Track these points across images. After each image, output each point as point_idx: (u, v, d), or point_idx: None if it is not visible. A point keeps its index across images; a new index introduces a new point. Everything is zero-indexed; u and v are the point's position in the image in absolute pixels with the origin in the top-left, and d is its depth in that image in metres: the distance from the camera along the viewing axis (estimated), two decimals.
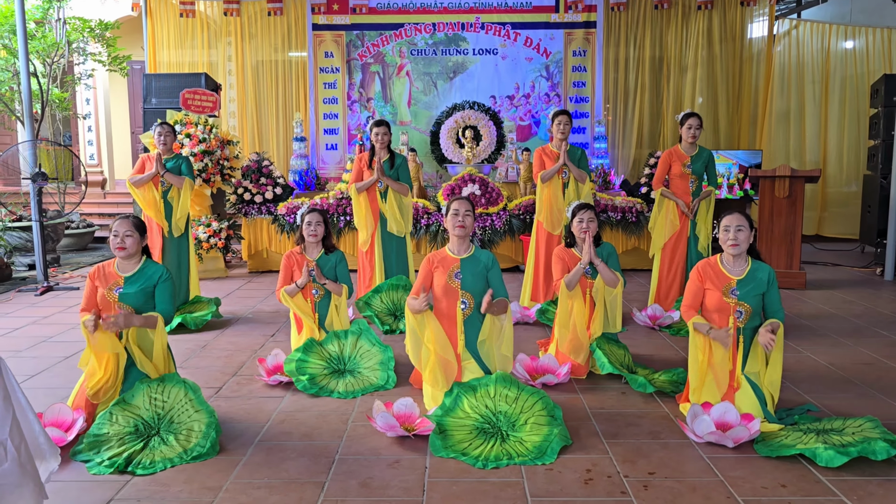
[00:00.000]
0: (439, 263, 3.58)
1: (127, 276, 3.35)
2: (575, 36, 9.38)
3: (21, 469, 1.97)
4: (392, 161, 5.43)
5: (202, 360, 4.34)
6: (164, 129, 5.34)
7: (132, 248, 3.34)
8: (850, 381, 3.89)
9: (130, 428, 3.08)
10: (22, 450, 2.00)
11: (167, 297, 3.36)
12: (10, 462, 1.95)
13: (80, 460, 2.91)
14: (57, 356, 4.42)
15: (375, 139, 5.35)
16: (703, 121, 5.34)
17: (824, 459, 2.76)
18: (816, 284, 6.56)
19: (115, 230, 3.34)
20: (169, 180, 5.26)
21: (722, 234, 3.32)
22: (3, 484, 1.93)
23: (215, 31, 9.69)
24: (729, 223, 3.31)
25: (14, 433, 2.00)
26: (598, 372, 3.97)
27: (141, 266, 3.38)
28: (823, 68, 9.77)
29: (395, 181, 5.39)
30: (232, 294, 6.38)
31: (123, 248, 3.31)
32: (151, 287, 3.35)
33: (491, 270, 3.57)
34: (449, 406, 3.24)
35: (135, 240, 3.35)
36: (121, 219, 3.38)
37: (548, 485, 2.67)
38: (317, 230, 4.20)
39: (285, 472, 2.80)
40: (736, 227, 3.27)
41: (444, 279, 3.53)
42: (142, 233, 3.39)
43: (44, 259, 6.57)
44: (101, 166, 11.50)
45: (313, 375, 3.82)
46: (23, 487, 1.97)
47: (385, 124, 5.40)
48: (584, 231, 4.01)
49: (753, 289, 3.28)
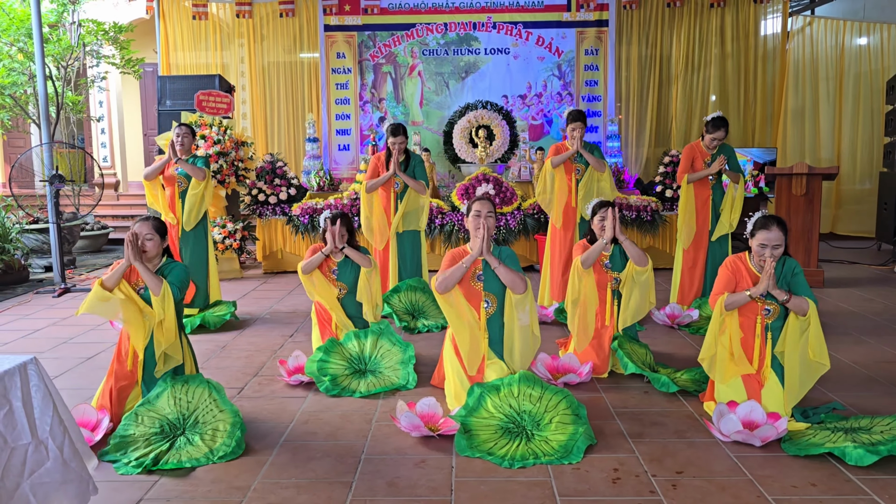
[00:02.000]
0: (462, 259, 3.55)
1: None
2: (587, 35, 9.36)
3: (64, 467, 1.98)
4: (407, 162, 5.43)
5: (223, 361, 4.35)
6: (181, 130, 5.33)
7: (153, 250, 3.32)
8: (874, 379, 3.87)
9: (156, 428, 3.09)
10: (65, 448, 2.01)
11: (178, 274, 3.31)
12: (52, 461, 1.96)
13: (107, 461, 2.92)
14: (78, 357, 4.45)
15: (393, 147, 5.32)
16: (728, 130, 5.28)
17: (854, 458, 2.74)
18: (834, 282, 6.52)
19: (134, 232, 3.30)
20: (183, 167, 5.24)
21: (757, 249, 3.20)
22: (47, 482, 1.94)
23: (228, 33, 9.72)
24: (766, 241, 3.17)
25: (56, 431, 2.01)
26: (619, 371, 3.96)
27: (160, 266, 3.37)
28: (837, 65, 9.72)
29: (412, 179, 5.38)
30: (248, 295, 6.39)
31: (144, 250, 3.30)
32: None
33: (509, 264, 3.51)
34: (472, 406, 3.23)
35: (155, 242, 3.32)
36: (140, 221, 3.35)
37: (576, 484, 2.67)
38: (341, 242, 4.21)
39: (312, 471, 2.81)
40: (773, 247, 3.16)
41: (466, 281, 3.51)
42: (162, 235, 3.37)
43: (61, 261, 6.60)
44: (114, 168, 11.57)
45: (335, 376, 3.82)
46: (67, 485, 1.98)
47: (403, 132, 5.35)
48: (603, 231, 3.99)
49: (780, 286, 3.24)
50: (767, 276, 3.14)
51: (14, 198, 6.88)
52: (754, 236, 3.23)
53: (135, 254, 3.21)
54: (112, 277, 3.23)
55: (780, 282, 3.23)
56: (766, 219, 3.21)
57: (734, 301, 3.27)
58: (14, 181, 7.94)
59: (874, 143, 9.56)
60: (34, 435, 1.98)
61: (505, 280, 3.42)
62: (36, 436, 1.99)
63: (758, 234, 3.20)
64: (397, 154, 5.31)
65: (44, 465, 1.95)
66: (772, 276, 3.15)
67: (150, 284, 3.21)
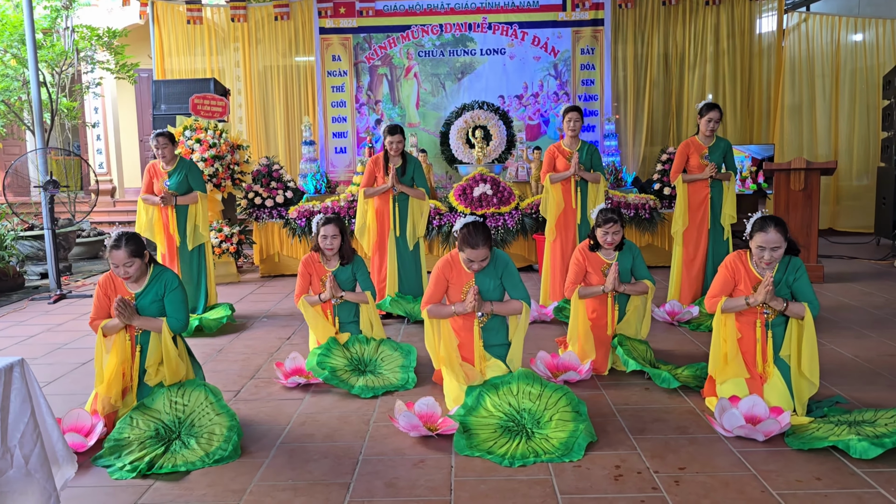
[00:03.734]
0: (454, 275, 3.49)
1: (138, 293, 3.27)
2: (583, 34, 9.34)
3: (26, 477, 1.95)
4: (404, 167, 5.31)
5: (219, 364, 4.31)
6: (159, 142, 5.14)
7: (136, 272, 3.22)
8: (877, 372, 3.83)
9: (151, 432, 3.05)
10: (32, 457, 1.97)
11: (178, 305, 3.29)
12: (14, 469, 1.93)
13: (101, 465, 2.88)
14: (73, 362, 4.40)
15: (390, 147, 5.24)
16: (722, 113, 5.26)
17: (858, 451, 2.70)
18: (834, 277, 6.48)
19: (113, 263, 3.18)
20: (181, 202, 5.20)
21: (756, 251, 3.15)
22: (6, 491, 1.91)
23: (223, 38, 9.70)
24: (764, 243, 3.09)
25: (26, 440, 1.97)
26: (619, 368, 3.92)
27: (150, 278, 3.30)
28: (833, 61, 9.70)
29: (411, 187, 5.30)
30: (245, 298, 6.35)
31: (128, 276, 3.22)
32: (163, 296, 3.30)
33: (504, 273, 3.46)
34: (471, 405, 3.19)
35: (136, 265, 3.20)
36: (113, 251, 3.16)
37: (577, 482, 2.63)
38: (333, 244, 4.11)
39: (309, 473, 2.77)
40: (772, 249, 3.09)
41: (459, 295, 3.47)
42: (141, 255, 3.23)
43: (56, 267, 6.56)
44: (110, 174, 11.53)
45: (335, 369, 3.81)
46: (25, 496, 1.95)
47: (400, 132, 5.26)
48: (608, 243, 3.93)
49: (782, 287, 3.20)
50: (765, 288, 3.10)
51: (9, 205, 6.84)
52: (753, 238, 3.17)
53: (128, 316, 3.18)
54: (113, 329, 3.23)
55: (782, 284, 3.19)
56: (764, 220, 3.13)
57: (732, 307, 3.25)
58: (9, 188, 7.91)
59: (871, 138, 9.54)
60: (3, 442, 1.94)
61: (502, 314, 3.48)
62: (5, 443, 1.95)
63: (756, 237, 3.14)
64: (395, 155, 5.26)
65: (5, 473, 1.91)
66: (770, 290, 3.10)
67: (153, 329, 3.25)
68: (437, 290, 3.50)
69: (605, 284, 3.88)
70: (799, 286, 3.19)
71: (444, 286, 3.51)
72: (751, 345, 3.25)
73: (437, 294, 3.50)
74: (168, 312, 3.28)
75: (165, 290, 3.30)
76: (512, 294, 3.47)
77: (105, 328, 3.23)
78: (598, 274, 3.98)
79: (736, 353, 3.24)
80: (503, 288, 3.49)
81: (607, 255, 4.00)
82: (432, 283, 3.51)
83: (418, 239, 5.42)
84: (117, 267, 3.18)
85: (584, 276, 4.01)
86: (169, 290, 3.30)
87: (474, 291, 3.36)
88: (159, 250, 5.32)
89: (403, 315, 5.24)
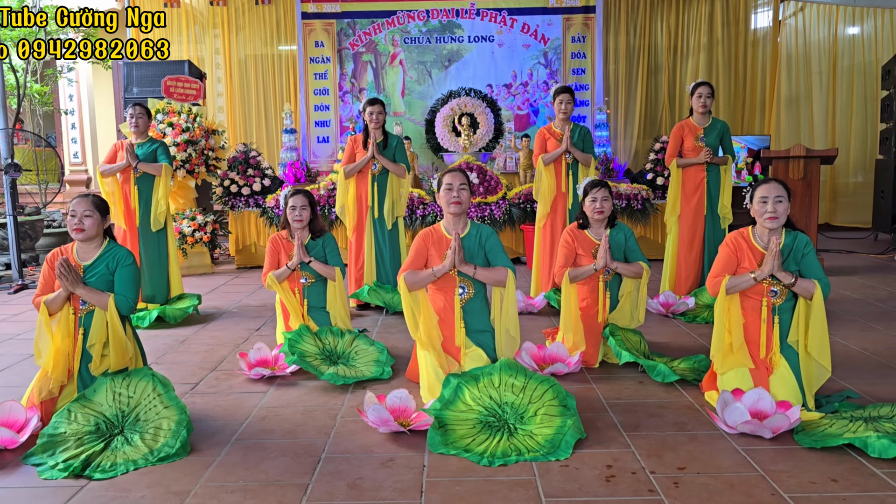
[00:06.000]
0: (434, 244, 3.24)
1: (87, 265, 2.98)
2: (574, 21, 9.05)
3: None
4: (386, 142, 5.04)
5: (179, 356, 3.99)
6: (135, 111, 4.92)
7: (91, 229, 2.97)
8: (888, 366, 3.56)
9: (91, 427, 2.73)
10: None
11: (128, 283, 2.98)
12: None
13: (31, 464, 2.56)
14: (21, 354, 4.07)
15: (369, 118, 4.95)
16: (714, 90, 5.01)
17: (877, 449, 2.42)
18: (835, 271, 6.23)
19: (72, 210, 2.97)
20: (143, 169, 4.89)
21: (757, 206, 2.92)
22: None
23: (202, 24, 9.36)
24: (766, 193, 2.89)
25: None
26: (611, 361, 3.64)
27: (102, 251, 3.02)
28: (830, 52, 9.47)
29: (391, 161, 5.02)
30: (217, 289, 6.02)
31: (82, 229, 2.95)
32: (114, 270, 3.00)
33: (488, 243, 3.23)
34: (448, 398, 2.89)
35: (94, 220, 2.98)
36: (79, 197, 3.00)
37: (564, 483, 2.33)
38: (302, 215, 3.89)
39: (263, 473, 2.46)
40: (775, 199, 2.87)
41: (439, 263, 3.18)
42: (103, 213, 3.02)
43: (18, 256, 6.21)
44: (85, 164, 11.12)
45: (304, 354, 3.52)
46: None
47: (379, 103, 4.99)
48: (598, 211, 3.68)
49: (789, 264, 2.93)
50: (773, 255, 2.83)
51: None
52: (753, 198, 2.95)
53: (73, 282, 2.88)
54: (55, 302, 2.93)
55: (789, 260, 2.92)
56: (762, 180, 2.97)
57: (737, 284, 2.95)
58: None
59: (868, 131, 9.32)
60: None
61: (486, 281, 3.18)
62: None
63: (757, 191, 2.94)
64: (374, 127, 4.96)
65: None
66: (777, 256, 2.83)
67: (98, 304, 2.93)
68: (416, 259, 3.23)
69: (597, 261, 3.61)
70: (807, 263, 2.93)
71: (425, 256, 3.24)
72: (756, 333, 2.97)
73: (416, 263, 3.23)
74: (116, 289, 2.97)
75: (118, 264, 3.00)
76: (495, 263, 3.20)
77: (48, 302, 2.93)
78: (588, 256, 3.70)
79: (741, 342, 2.95)
80: (487, 262, 3.22)
81: (597, 235, 3.72)
82: (412, 252, 3.25)
83: (396, 220, 5.11)
84: (74, 216, 2.96)
85: (574, 259, 3.72)
86: (121, 266, 3.01)
87: (458, 244, 3.08)
88: (118, 227, 4.96)
89: (382, 305, 4.94)
